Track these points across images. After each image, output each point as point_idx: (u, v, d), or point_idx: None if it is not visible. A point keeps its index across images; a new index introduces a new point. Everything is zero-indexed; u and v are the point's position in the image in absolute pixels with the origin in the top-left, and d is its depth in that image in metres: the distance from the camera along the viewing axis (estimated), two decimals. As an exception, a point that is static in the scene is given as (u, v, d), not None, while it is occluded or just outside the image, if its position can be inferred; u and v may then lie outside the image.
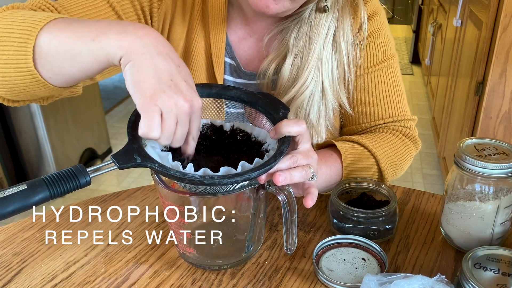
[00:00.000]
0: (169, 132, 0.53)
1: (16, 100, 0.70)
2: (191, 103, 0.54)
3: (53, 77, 0.62)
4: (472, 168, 0.62)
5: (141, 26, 0.57)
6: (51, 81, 0.62)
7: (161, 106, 0.52)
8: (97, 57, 0.57)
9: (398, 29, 5.24)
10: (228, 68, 0.85)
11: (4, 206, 0.49)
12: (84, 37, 0.58)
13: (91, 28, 0.58)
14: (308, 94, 0.79)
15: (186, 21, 0.82)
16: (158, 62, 0.54)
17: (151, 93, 0.52)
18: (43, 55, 0.60)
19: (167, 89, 0.52)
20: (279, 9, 0.71)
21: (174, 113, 0.53)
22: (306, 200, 0.60)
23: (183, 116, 0.54)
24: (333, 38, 0.79)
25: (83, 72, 0.61)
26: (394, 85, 0.86)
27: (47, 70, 0.61)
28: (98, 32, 0.57)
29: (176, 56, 0.57)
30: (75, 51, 0.58)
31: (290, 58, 0.79)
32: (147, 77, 0.53)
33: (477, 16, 1.79)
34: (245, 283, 0.64)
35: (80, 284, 0.64)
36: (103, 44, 0.56)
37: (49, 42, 0.59)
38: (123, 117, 3.34)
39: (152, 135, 0.52)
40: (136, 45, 0.54)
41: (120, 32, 0.56)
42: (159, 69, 0.53)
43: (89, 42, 0.57)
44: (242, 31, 0.85)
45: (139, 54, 0.54)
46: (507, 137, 1.67)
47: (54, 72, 0.61)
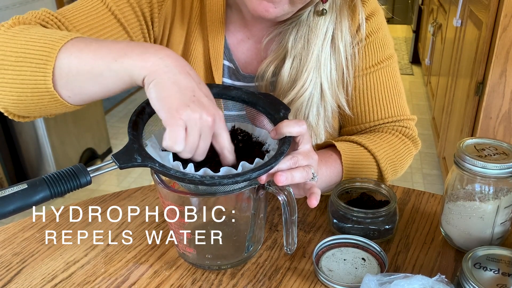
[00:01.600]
0: (192, 145, 0.55)
1: (27, 116, 0.70)
2: (213, 116, 0.55)
3: (73, 96, 0.62)
4: (472, 168, 0.62)
5: (161, 48, 0.58)
6: (70, 100, 0.63)
7: (186, 119, 0.53)
8: (120, 77, 0.58)
9: (398, 29, 5.24)
10: (226, 71, 0.85)
11: (5, 205, 0.49)
12: (105, 57, 0.58)
13: (112, 49, 0.59)
14: (307, 96, 0.79)
15: (185, 24, 0.82)
16: (180, 79, 0.55)
17: (176, 107, 0.53)
18: (63, 76, 0.60)
19: (191, 103, 0.54)
20: (278, 13, 0.72)
21: (198, 127, 0.54)
22: (310, 200, 0.60)
23: (206, 130, 0.55)
24: (331, 40, 0.80)
25: (104, 92, 0.61)
26: (393, 85, 0.86)
27: (67, 90, 0.61)
28: (120, 53, 0.58)
29: (195, 74, 0.58)
30: (96, 71, 0.59)
31: (289, 61, 0.79)
32: (172, 93, 0.54)
33: (477, 16, 1.79)
34: (245, 283, 0.64)
35: (80, 284, 0.64)
36: (126, 65, 0.57)
37: (69, 63, 0.59)
38: (123, 117, 3.34)
39: (177, 148, 0.54)
40: (158, 66, 0.56)
41: (143, 53, 0.57)
42: (182, 86, 0.55)
43: (111, 62, 0.58)
44: (241, 33, 0.85)
45: (162, 73, 0.55)
46: (507, 137, 1.67)
47: (75, 92, 0.62)
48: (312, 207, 0.60)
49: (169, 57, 0.57)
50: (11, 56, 0.61)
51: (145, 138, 0.61)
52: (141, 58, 0.56)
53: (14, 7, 2.19)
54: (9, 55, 0.62)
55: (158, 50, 0.57)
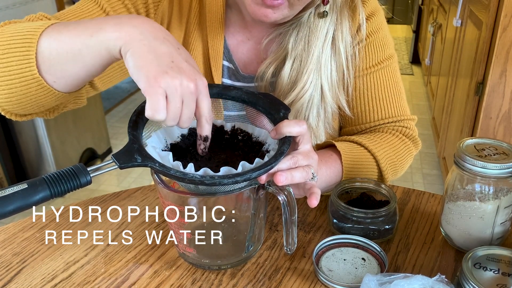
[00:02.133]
0: (174, 113, 0.53)
1: (23, 114, 0.70)
2: (195, 82, 0.54)
3: (58, 81, 0.62)
4: (472, 168, 0.62)
5: (135, 16, 0.58)
6: (56, 85, 0.63)
7: (165, 87, 0.52)
8: (98, 52, 0.58)
9: (398, 29, 5.24)
10: (226, 71, 0.85)
11: (5, 205, 0.49)
12: (82, 34, 0.58)
13: (88, 25, 0.59)
14: (308, 97, 0.79)
15: (183, 24, 0.82)
16: (157, 46, 0.54)
17: (153, 75, 0.52)
18: (45, 59, 0.60)
19: (169, 70, 0.53)
20: (277, 17, 0.72)
21: (179, 93, 0.53)
22: (310, 199, 0.60)
23: (189, 96, 0.54)
24: (332, 41, 0.79)
25: (86, 71, 0.61)
26: (393, 85, 0.86)
27: (51, 74, 0.61)
28: (95, 28, 0.58)
29: (174, 39, 0.57)
30: (75, 50, 0.59)
31: (289, 62, 0.79)
32: (148, 61, 0.53)
33: (477, 16, 1.79)
34: (245, 283, 0.64)
35: (80, 284, 0.64)
36: (101, 38, 0.57)
37: (49, 46, 0.60)
38: (123, 117, 3.34)
39: (158, 117, 0.52)
40: (133, 34, 0.55)
41: (116, 24, 0.56)
42: (159, 52, 0.54)
43: (87, 38, 0.58)
44: (240, 34, 0.85)
45: (137, 41, 0.54)
46: (507, 137, 1.67)
47: (58, 75, 0.61)
48: (312, 207, 0.60)
49: (144, 23, 0.56)
50: None
51: (145, 138, 0.61)
52: (115, 29, 0.56)
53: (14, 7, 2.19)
54: None
55: (132, 18, 0.57)
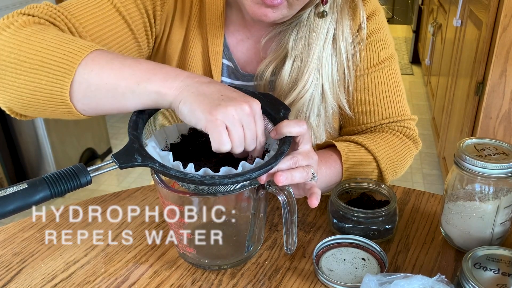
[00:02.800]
0: (239, 139, 0.56)
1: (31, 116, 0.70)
2: (249, 103, 0.56)
3: (87, 110, 0.63)
4: (472, 168, 0.62)
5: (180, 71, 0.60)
6: (84, 112, 0.63)
7: (223, 118, 0.54)
8: (142, 100, 0.59)
9: (398, 29, 5.24)
10: (225, 70, 0.85)
11: (5, 205, 0.49)
12: (128, 79, 0.59)
13: (135, 71, 0.59)
14: (308, 97, 0.79)
15: (184, 23, 0.82)
16: (204, 88, 0.57)
17: (208, 110, 0.54)
18: (81, 91, 0.60)
19: (221, 102, 0.55)
20: (277, 16, 0.72)
21: (237, 119, 0.55)
22: (311, 200, 0.60)
23: (247, 118, 0.56)
24: (333, 40, 0.79)
25: (121, 110, 0.62)
26: (394, 85, 0.86)
27: (83, 104, 0.62)
28: (143, 77, 0.59)
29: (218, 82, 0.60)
30: (118, 91, 0.59)
31: (290, 61, 0.79)
32: (200, 101, 0.55)
33: (477, 16, 1.79)
34: (245, 283, 0.64)
35: (80, 284, 0.64)
36: (149, 90, 0.58)
37: (89, 79, 0.59)
38: (123, 117, 3.34)
39: (225, 148, 0.55)
40: (181, 88, 0.57)
41: (165, 80, 0.58)
42: (207, 92, 0.56)
43: (133, 85, 0.58)
44: (240, 33, 0.85)
45: (186, 91, 0.56)
46: (507, 137, 1.67)
47: (91, 106, 0.62)
48: (312, 207, 0.60)
49: (189, 77, 0.58)
50: (25, 62, 0.60)
51: (145, 138, 0.61)
52: (164, 85, 0.58)
53: (14, 7, 2.19)
54: (23, 60, 0.61)
55: (179, 74, 0.59)
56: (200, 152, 0.65)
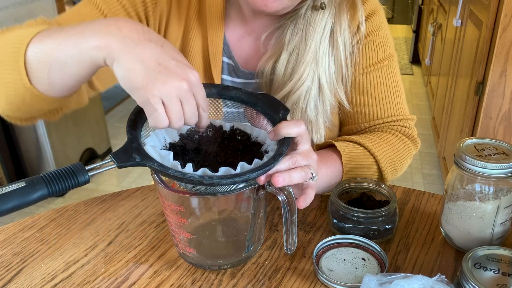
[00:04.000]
0: (176, 115, 0.53)
1: (26, 118, 0.70)
2: (186, 78, 0.54)
3: (49, 89, 0.62)
4: (472, 168, 0.62)
5: (113, 21, 0.56)
6: (49, 93, 0.62)
7: (159, 94, 0.52)
8: (82, 62, 0.57)
9: (398, 29, 5.24)
10: (226, 67, 0.85)
11: (3, 203, 0.49)
12: (64, 45, 0.57)
13: (69, 34, 0.58)
14: (305, 89, 0.79)
15: (182, 21, 0.82)
16: (139, 51, 0.53)
17: (144, 85, 0.52)
18: (33, 70, 0.60)
19: (157, 75, 0.52)
20: (277, 7, 0.71)
21: (174, 95, 0.53)
22: (298, 200, 0.60)
23: (185, 94, 0.54)
24: (330, 34, 0.79)
25: (74, 79, 0.60)
26: (393, 84, 0.86)
27: (41, 84, 0.61)
28: (75, 37, 0.57)
29: (156, 36, 0.56)
30: (59, 61, 0.58)
31: (286, 54, 0.79)
32: (135, 70, 0.53)
33: (477, 16, 1.79)
34: (245, 283, 0.64)
35: (80, 284, 0.64)
36: (83, 49, 0.56)
37: (36, 56, 0.59)
38: (123, 117, 3.34)
39: (162, 125, 0.53)
40: (113, 43, 0.54)
41: (95, 33, 0.56)
42: (143, 58, 0.53)
43: (69, 49, 0.57)
44: (240, 30, 0.85)
45: (119, 50, 0.54)
46: (507, 137, 1.67)
47: (48, 84, 0.61)
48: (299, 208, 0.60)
49: (121, 28, 0.55)
50: None
51: (144, 137, 0.61)
52: (94, 39, 0.55)
53: (14, 7, 2.18)
54: None
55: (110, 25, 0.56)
56: (199, 152, 0.65)
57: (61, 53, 0.58)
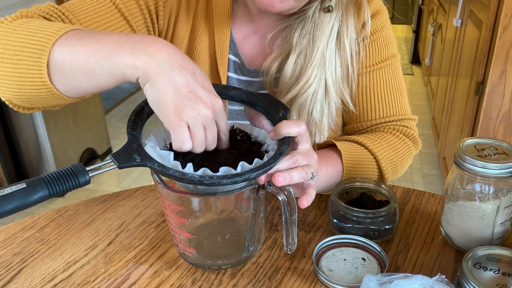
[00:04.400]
0: (200, 140, 0.57)
1: (30, 107, 0.70)
2: (212, 108, 0.57)
3: (69, 90, 0.62)
4: (472, 168, 0.62)
5: (151, 41, 0.57)
6: (68, 94, 0.63)
7: (186, 119, 0.55)
8: (113, 75, 0.58)
9: (398, 29, 5.24)
10: (232, 65, 0.85)
11: (4, 205, 0.49)
12: (97, 55, 0.58)
13: (103, 45, 0.58)
14: (311, 92, 0.79)
15: (190, 18, 0.83)
16: (174, 76, 0.55)
17: (174, 110, 0.55)
18: (57, 71, 0.60)
19: (187, 101, 0.55)
20: (283, 7, 0.72)
21: (199, 122, 0.56)
22: (300, 200, 0.60)
23: (209, 122, 0.57)
24: (337, 37, 0.79)
25: (99, 88, 0.61)
26: (395, 84, 0.86)
27: (63, 85, 0.61)
28: (111, 51, 0.57)
29: (190, 63, 0.58)
30: (89, 68, 0.59)
31: (294, 56, 0.79)
32: (167, 94, 0.55)
33: (477, 16, 1.79)
34: (245, 283, 0.64)
35: (80, 284, 0.64)
36: (117, 64, 0.57)
37: (62, 58, 0.59)
38: (123, 117, 3.34)
39: (185, 148, 0.56)
40: (150, 65, 0.55)
41: (133, 52, 0.56)
42: (176, 84, 0.55)
43: (102, 60, 0.58)
44: (247, 28, 0.85)
45: (155, 73, 0.55)
46: (507, 137, 1.67)
47: (70, 86, 0.62)
48: (301, 208, 0.60)
49: (160, 52, 0.56)
50: (10, 50, 0.62)
51: (144, 137, 0.61)
52: (132, 58, 0.56)
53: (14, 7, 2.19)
54: (8, 48, 0.62)
55: (148, 45, 0.57)
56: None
57: (92, 61, 0.58)
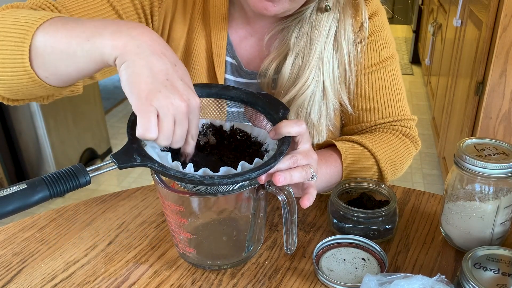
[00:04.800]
0: (167, 132, 0.53)
1: (15, 99, 0.70)
2: (188, 102, 0.53)
3: (50, 76, 0.62)
4: (472, 168, 0.62)
5: (136, 25, 0.56)
6: (48, 80, 0.62)
7: (157, 106, 0.51)
8: (92, 57, 0.57)
9: (398, 29, 5.24)
10: (229, 67, 0.85)
11: (4, 205, 0.49)
12: (79, 36, 0.57)
13: (86, 28, 0.58)
14: (309, 93, 0.79)
15: (187, 20, 0.82)
16: (153, 61, 0.53)
17: (146, 94, 0.51)
18: (38, 55, 0.60)
19: (162, 88, 0.52)
20: (277, 10, 0.72)
21: (171, 113, 0.52)
22: (302, 200, 0.60)
23: (181, 116, 0.53)
24: (334, 38, 0.79)
25: (79, 72, 0.60)
26: (394, 84, 0.86)
27: (43, 70, 0.61)
28: (93, 32, 0.57)
29: (172, 54, 0.56)
30: (70, 51, 0.58)
31: (291, 58, 0.79)
32: (142, 77, 0.52)
33: (477, 16, 1.79)
34: (245, 283, 0.64)
35: (80, 284, 0.64)
36: (97, 44, 0.56)
37: (45, 42, 0.59)
38: (123, 117, 3.34)
39: (149, 136, 0.52)
40: (130, 45, 0.54)
41: (115, 32, 0.55)
42: (154, 69, 0.53)
43: (83, 42, 0.57)
44: (243, 30, 0.85)
45: (133, 54, 0.53)
46: (507, 137, 1.67)
47: (50, 72, 0.61)
48: (303, 208, 0.60)
49: (143, 35, 0.55)
50: None
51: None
52: (113, 37, 0.55)
53: (14, 7, 2.19)
54: None
55: (132, 28, 0.56)
56: (199, 152, 0.65)
57: (74, 43, 0.57)
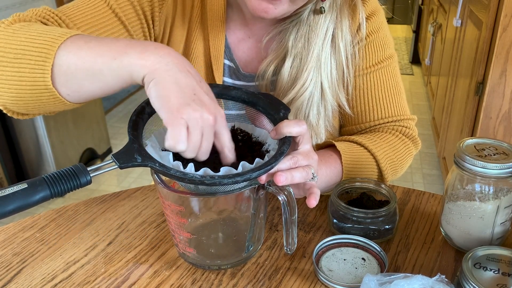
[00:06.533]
0: (195, 144, 0.54)
1: (26, 113, 0.70)
2: (215, 115, 0.55)
3: (71, 94, 0.62)
4: (472, 168, 0.62)
5: (161, 46, 0.58)
6: (69, 98, 0.63)
7: (187, 119, 0.53)
8: (120, 76, 0.58)
9: (398, 29, 5.24)
10: (227, 70, 0.85)
11: (5, 205, 0.49)
12: (105, 55, 0.58)
13: (112, 47, 0.58)
14: (308, 95, 0.79)
15: (185, 23, 0.82)
16: (180, 78, 0.55)
17: (177, 107, 0.53)
18: (61, 73, 0.60)
19: (191, 102, 0.54)
20: (277, 13, 0.72)
21: (199, 125, 0.54)
22: (309, 200, 0.60)
23: (208, 129, 0.55)
24: (332, 39, 0.80)
25: (102, 89, 0.61)
26: (393, 85, 0.86)
27: (66, 88, 0.61)
28: (119, 51, 0.58)
29: (196, 72, 0.58)
30: (95, 69, 0.59)
31: (289, 60, 0.79)
32: (172, 91, 0.54)
33: (477, 16, 1.79)
34: (245, 283, 0.64)
35: (80, 284, 0.64)
36: (125, 63, 0.57)
37: (68, 61, 0.59)
38: (123, 117, 3.34)
39: (179, 148, 0.53)
40: (158, 64, 0.55)
41: (142, 52, 0.57)
42: (182, 84, 0.54)
43: (110, 60, 0.58)
44: (241, 32, 0.85)
45: (162, 72, 0.55)
46: (507, 137, 1.67)
47: (73, 89, 0.62)
48: (311, 207, 0.60)
49: (169, 55, 0.56)
50: (10, 53, 0.61)
51: (145, 138, 0.61)
52: (141, 57, 0.56)
53: (14, 7, 2.19)
54: (8, 51, 0.61)
55: (158, 48, 0.57)
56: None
57: (99, 62, 0.58)
